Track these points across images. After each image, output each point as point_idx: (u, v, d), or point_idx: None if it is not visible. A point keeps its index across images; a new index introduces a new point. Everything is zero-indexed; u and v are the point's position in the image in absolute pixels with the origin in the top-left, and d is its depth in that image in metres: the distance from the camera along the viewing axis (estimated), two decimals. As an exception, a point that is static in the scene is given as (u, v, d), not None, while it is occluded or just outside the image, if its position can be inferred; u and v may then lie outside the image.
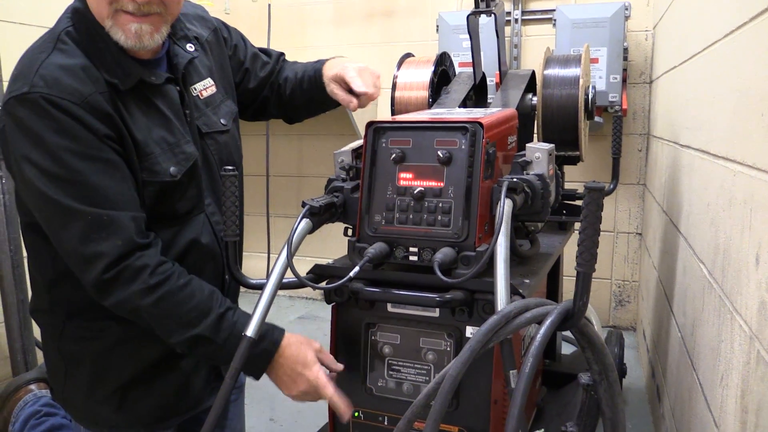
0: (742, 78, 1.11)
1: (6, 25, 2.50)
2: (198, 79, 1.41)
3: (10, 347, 2.39)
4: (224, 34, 1.56)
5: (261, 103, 1.67)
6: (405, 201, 1.21)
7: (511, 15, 3.25)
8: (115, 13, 1.20)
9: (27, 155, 1.17)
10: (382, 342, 1.28)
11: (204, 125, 1.39)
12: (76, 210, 1.17)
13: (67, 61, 1.19)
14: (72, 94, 1.16)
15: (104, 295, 1.21)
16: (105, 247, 1.17)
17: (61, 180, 1.16)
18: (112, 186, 1.19)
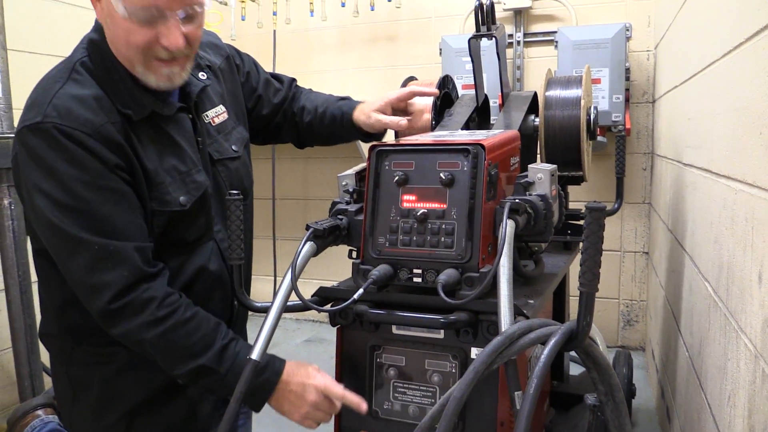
0: (741, 97, 1.12)
1: (19, 54, 2.55)
2: (210, 107, 1.42)
3: (17, 372, 2.39)
4: (237, 61, 1.57)
5: (274, 128, 1.68)
6: (408, 223, 1.22)
7: (514, 37, 3.28)
8: (147, 60, 1.22)
9: (38, 184, 1.18)
10: (387, 364, 1.28)
11: (216, 152, 1.41)
12: (84, 240, 1.18)
13: (81, 92, 1.21)
14: (84, 124, 1.18)
15: (111, 325, 1.22)
16: (111, 276, 1.18)
17: (70, 209, 1.17)
18: (120, 216, 1.21)
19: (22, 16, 2.65)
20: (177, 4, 1.17)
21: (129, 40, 1.19)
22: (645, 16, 3.12)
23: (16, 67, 2.39)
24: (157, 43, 1.19)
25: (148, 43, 1.19)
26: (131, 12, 1.15)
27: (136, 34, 1.18)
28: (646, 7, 3.12)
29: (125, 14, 1.15)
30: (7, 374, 2.62)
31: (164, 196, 1.28)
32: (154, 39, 1.19)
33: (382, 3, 3.39)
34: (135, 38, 1.18)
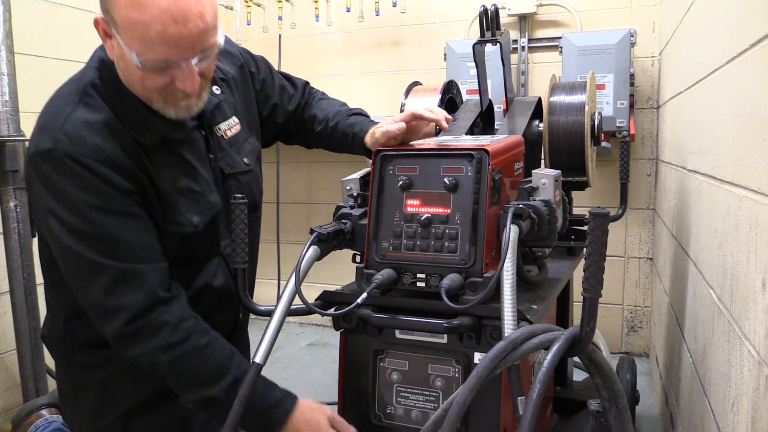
0: (745, 104, 1.12)
1: (26, 57, 2.56)
2: (222, 119, 1.41)
3: (21, 374, 2.40)
4: (252, 68, 1.56)
5: (286, 134, 1.68)
6: (412, 228, 1.22)
7: (518, 43, 3.28)
8: (165, 97, 1.22)
9: (53, 210, 1.19)
10: (390, 369, 1.28)
11: (227, 166, 1.40)
12: (102, 264, 1.19)
13: (92, 117, 1.21)
14: (95, 151, 1.18)
15: (124, 347, 1.23)
16: (128, 300, 1.19)
17: (87, 235, 1.18)
18: (136, 239, 1.21)
19: (29, 20, 2.67)
20: (190, 54, 1.16)
21: (144, 84, 1.18)
22: (650, 22, 3.12)
23: (22, 70, 2.41)
24: (172, 85, 1.19)
25: (164, 86, 1.19)
26: (144, 63, 1.14)
27: (151, 80, 1.17)
28: (650, 13, 3.12)
29: (138, 65, 1.14)
30: (11, 376, 2.63)
31: (178, 217, 1.29)
32: (169, 82, 1.18)
33: (387, 8, 3.40)
34: (150, 83, 1.18)
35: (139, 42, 1.11)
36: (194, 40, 1.14)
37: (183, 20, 1.10)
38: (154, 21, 1.09)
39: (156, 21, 1.09)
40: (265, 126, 1.61)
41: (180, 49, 1.13)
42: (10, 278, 2.35)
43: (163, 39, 1.10)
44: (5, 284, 2.43)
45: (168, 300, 1.23)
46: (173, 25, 1.10)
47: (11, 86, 2.28)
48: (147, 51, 1.12)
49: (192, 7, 1.11)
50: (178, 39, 1.11)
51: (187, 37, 1.12)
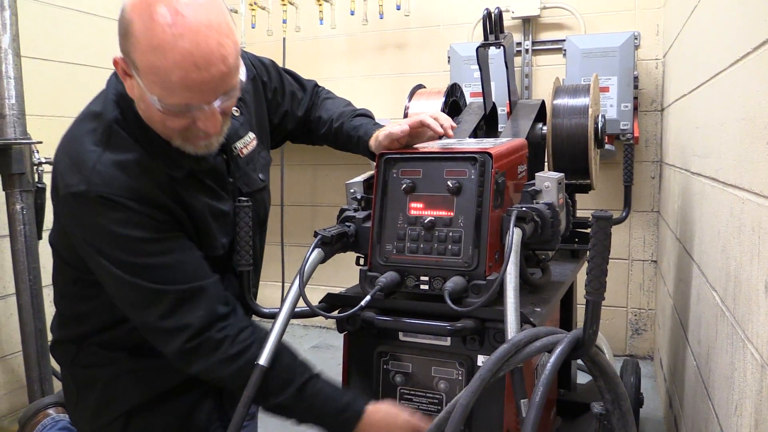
0: (748, 107, 1.12)
1: (32, 61, 2.58)
2: (238, 137, 1.40)
3: (27, 376, 2.41)
4: (263, 78, 1.53)
5: (293, 137, 1.68)
6: (416, 230, 1.23)
7: (522, 45, 3.29)
8: (185, 136, 1.20)
9: (97, 248, 1.18)
10: (394, 371, 1.29)
11: (245, 185, 1.39)
12: (159, 290, 1.19)
13: (123, 157, 1.19)
14: (128, 191, 1.16)
15: (186, 364, 1.23)
16: (189, 318, 1.19)
17: (139, 268, 1.18)
18: (187, 260, 1.22)
19: (35, 24, 2.69)
20: (212, 97, 1.12)
21: (165, 124, 1.17)
22: (654, 24, 3.12)
23: (29, 73, 2.42)
24: (194, 125, 1.16)
25: (186, 127, 1.17)
26: (165, 107, 1.11)
27: (172, 121, 1.15)
28: (654, 15, 3.12)
29: (159, 108, 1.11)
30: (17, 377, 2.64)
31: (212, 242, 1.30)
32: (191, 123, 1.16)
33: (391, 11, 3.41)
34: (172, 124, 1.16)
35: (160, 87, 1.08)
36: (216, 85, 1.10)
37: (205, 65, 1.07)
38: (175, 67, 1.05)
39: (177, 67, 1.05)
40: (275, 132, 1.60)
41: (202, 93, 1.10)
42: (16, 280, 2.37)
43: (184, 85, 1.07)
44: (11, 286, 2.44)
45: (227, 315, 1.23)
46: (195, 71, 1.06)
47: (18, 89, 2.30)
48: (168, 96, 1.09)
49: (215, 51, 1.07)
50: (200, 84, 1.08)
51: (209, 81, 1.09)
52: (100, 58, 2.94)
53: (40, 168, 2.40)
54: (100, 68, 2.93)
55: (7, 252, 2.41)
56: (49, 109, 2.73)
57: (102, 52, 2.94)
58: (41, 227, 2.41)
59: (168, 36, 1.04)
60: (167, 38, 1.04)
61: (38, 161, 2.38)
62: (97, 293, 1.28)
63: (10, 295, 2.55)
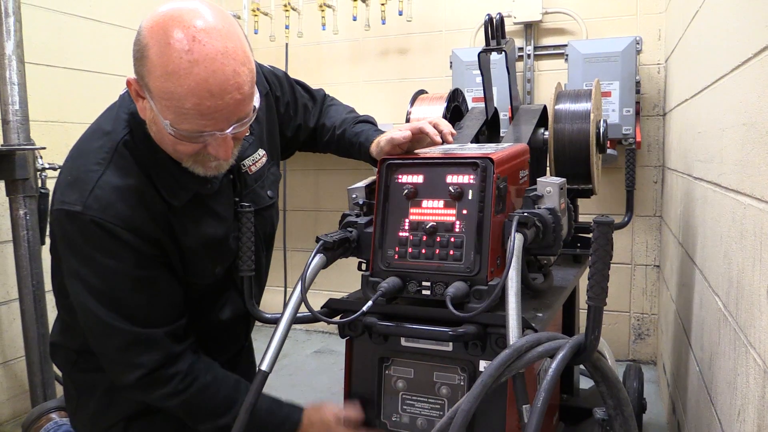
0: (749, 112, 1.13)
1: (35, 67, 2.59)
2: (247, 154, 1.39)
3: (30, 381, 2.42)
4: (277, 92, 1.52)
5: (302, 147, 1.69)
6: (417, 236, 1.23)
7: (524, 50, 3.29)
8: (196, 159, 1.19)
9: (75, 269, 1.21)
10: (396, 376, 1.29)
11: (252, 203, 1.38)
12: (117, 327, 1.21)
13: (123, 182, 1.18)
14: (122, 219, 1.17)
15: (135, 395, 1.28)
16: (142, 359, 1.22)
17: (106, 297, 1.20)
18: (155, 303, 1.23)
19: (39, 30, 2.70)
20: (225, 125, 1.11)
21: (177, 149, 1.16)
22: (655, 29, 3.13)
23: (32, 79, 2.44)
24: (205, 150, 1.16)
25: (197, 151, 1.16)
26: (177, 132, 1.10)
27: (184, 146, 1.15)
28: (656, 20, 3.13)
29: (171, 133, 1.11)
30: (20, 383, 2.65)
31: (203, 272, 1.31)
32: (202, 148, 1.16)
33: (393, 16, 3.42)
34: (183, 149, 1.16)
35: (173, 113, 1.07)
36: (230, 113, 1.10)
37: (220, 93, 1.06)
38: (189, 94, 1.04)
39: (192, 94, 1.04)
40: (288, 145, 1.61)
41: (215, 121, 1.09)
42: (19, 285, 2.38)
43: (198, 112, 1.06)
44: (14, 291, 2.45)
45: (180, 354, 1.27)
46: (209, 98, 1.05)
47: (21, 96, 2.31)
48: (180, 122, 1.08)
49: (230, 79, 1.06)
50: (213, 112, 1.07)
51: (223, 110, 1.08)
52: (103, 64, 2.95)
53: (43, 173, 2.41)
54: (104, 74, 2.95)
55: (11, 257, 2.42)
56: (52, 114, 2.74)
57: (105, 58, 2.96)
58: (44, 233, 2.42)
59: (184, 63, 1.03)
60: (183, 65, 1.03)
61: (41, 167, 2.40)
62: None
63: (13, 300, 2.56)
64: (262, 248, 1.45)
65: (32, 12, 2.64)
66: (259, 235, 1.41)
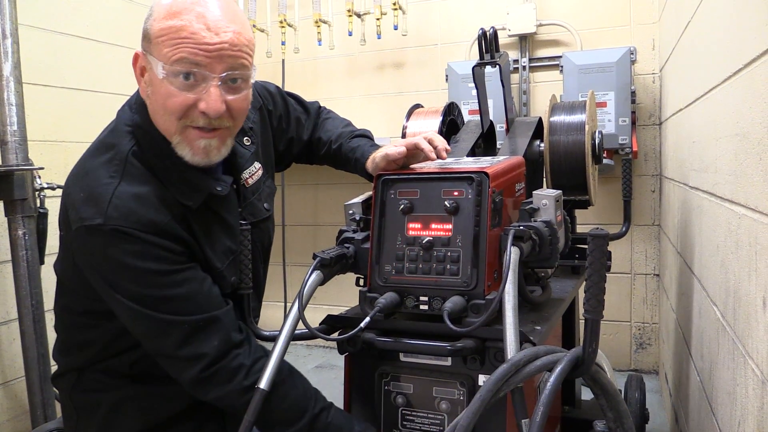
0: (741, 122, 1.13)
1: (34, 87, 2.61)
2: (244, 167, 1.40)
3: (30, 401, 2.41)
4: (269, 106, 1.54)
5: (294, 159, 1.68)
6: (414, 251, 1.23)
7: (519, 62, 3.31)
8: (184, 129, 1.19)
9: (111, 282, 1.18)
10: (395, 392, 1.28)
11: (250, 215, 1.40)
12: (174, 321, 1.19)
13: (139, 189, 1.18)
14: (147, 225, 1.16)
15: (201, 392, 1.23)
16: (204, 348, 1.19)
17: (152, 299, 1.18)
18: (201, 291, 1.22)
19: (37, 50, 2.72)
20: (217, 65, 1.13)
21: (166, 104, 1.16)
22: (649, 39, 3.15)
23: (30, 99, 2.45)
24: (194, 109, 1.16)
25: (186, 107, 1.16)
26: (169, 72, 1.12)
27: (174, 97, 1.15)
28: (650, 30, 3.15)
29: (163, 74, 1.13)
30: (20, 403, 2.63)
31: (221, 281, 1.29)
32: (192, 104, 1.16)
33: (388, 31, 3.44)
34: (172, 102, 1.15)
35: (168, 47, 1.11)
36: (224, 51, 1.13)
37: (216, 29, 1.12)
38: (188, 24, 1.11)
39: (189, 24, 1.11)
40: (281, 158, 1.61)
41: (208, 55, 1.12)
42: (18, 305, 2.37)
43: (192, 41, 1.11)
44: (14, 311, 2.44)
45: (241, 342, 1.24)
46: (206, 30, 1.12)
47: (19, 116, 2.32)
48: (174, 53, 1.11)
49: (228, 22, 1.14)
50: (207, 44, 1.12)
51: (217, 44, 1.12)
52: (101, 83, 2.97)
53: (42, 193, 2.41)
54: (102, 93, 2.96)
55: (10, 277, 2.42)
56: (50, 134, 2.75)
57: (103, 78, 2.98)
58: (43, 252, 2.42)
59: (188, 4, 1.12)
60: (185, 5, 1.12)
61: (40, 186, 2.40)
62: (103, 322, 1.28)
63: (12, 320, 2.55)
64: (260, 260, 1.45)
65: (30, 33, 2.65)
66: (257, 247, 1.41)
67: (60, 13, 2.84)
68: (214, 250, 1.27)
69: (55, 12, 2.82)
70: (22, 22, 2.42)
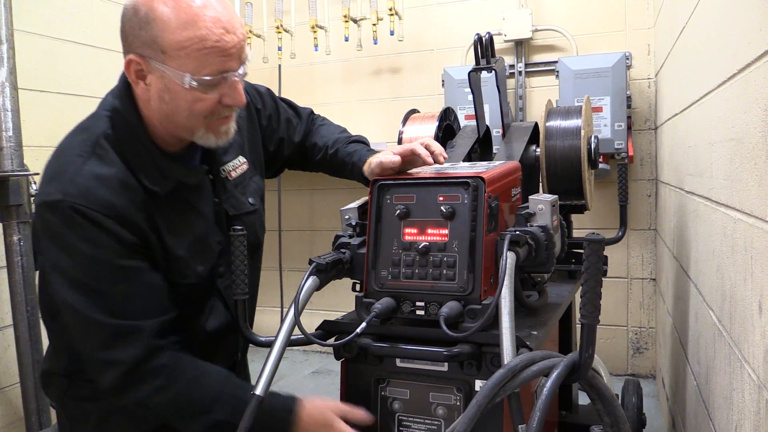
0: (736, 127, 1.14)
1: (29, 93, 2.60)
2: (227, 160, 1.41)
3: (25, 408, 2.40)
4: (258, 105, 1.55)
5: (287, 163, 1.68)
6: (410, 256, 1.23)
7: (515, 68, 3.32)
8: (210, 123, 1.23)
9: (55, 261, 1.19)
10: (391, 397, 1.28)
11: (232, 207, 1.40)
12: (99, 321, 1.18)
13: (104, 171, 1.20)
14: (103, 206, 1.17)
15: (118, 397, 1.23)
16: (123, 354, 1.19)
17: (86, 289, 1.18)
18: (136, 296, 1.21)
19: (33, 56, 2.71)
20: (238, 63, 1.19)
21: (194, 108, 1.19)
22: (645, 44, 3.16)
23: (26, 105, 2.44)
24: (219, 105, 1.21)
25: (214, 106, 1.21)
26: (200, 82, 1.16)
27: (201, 101, 1.19)
28: (645, 36, 3.16)
29: (194, 85, 1.15)
30: (15, 410, 2.62)
31: (185, 270, 1.29)
32: (218, 102, 1.20)
33: (384, 36, 3.45)
34: (201, 105, 1.19)
35: (194, 59, 1.13)
36: (241, 48, 1.19)
37: (232, 29, 1.16)
38: (209, 33, 1.13)
39: (211, 32, 1.13)
40: (272, 160, 1.61)
41: (233, 58, 1.17)
42: (13, 312, 2.36)
43: (219, 49, 1.14)
44: (9, 317, 2.43)
45: (163, 347, 1.23)
46: (226, 34, 1.14)
47: (15, 122, 2.32)
48: (203, 66, 1.14)
49: (233, 16, 1.18)
50: (231, 48, 1.15)
51: (237, 44, 1.17)
52: (97, 88, 2.96)
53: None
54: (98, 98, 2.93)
55: (5, 283, 2.41)
56: (46, 140, 2.74)
57: (99, 83, 2.97)
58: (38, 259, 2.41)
59: (195, 8, 1.13)
60: (196, 11, 1.13)
61: (35, 192, 2.39)
62: None
63: (7, 326, 2.54)
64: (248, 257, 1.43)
65: (25, 38, 2.65)
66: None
67: (56, 19, 2.84)
68: (179, 237, 1.27)
69: (51, 17, 2.82)
70: (18, 27, 2.42)
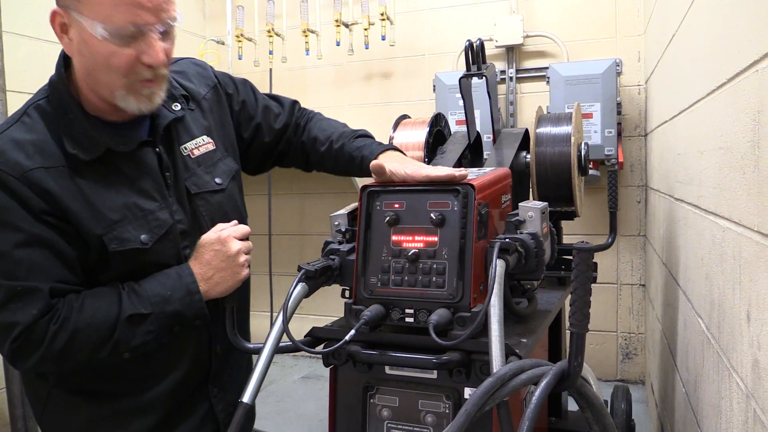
0: (725, 136, 1.14)
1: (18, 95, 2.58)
2: (189, 138, 1.39)
3: (11, 414, 2.37)
4: (229, 90, 1.53)
5: (278, 155, 1.64)
6: (400, 263, 1.22)
7: (506, 73, 3.33)
8: (130, 83, 1.21)
9: None
10: (380, 405, 1.27)
11: (193, 185, 1.37)
12: None
13: (23, 136, 1.21)
14: (12, 167, 1.17)
15: (18, 362, 1.20)
16: (18, 316, 1.16)
17: None
18: (36, 261, 1.18)
19: (21, 58, 2.70)
20: (156, 18, 1.17)
21: (110, 63, 1.17)
22: (635, 51, 3.18)
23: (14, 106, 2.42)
24: (138, 63, 1.19)
25: (131, 63, 1.18)
26: (111, 32, 1.14)
27: (117, 56, 1.16)
28: (636, 43, 3.18)
29: (105, 35, 1.14)
30: (1, 416, 2.59)
31: (123, 234, 1.25)
32: (135, 58, 1.18)
33: (376, 41, 3.45)
34: (117, 60, 1.17)
35: (106, 6, 1.12)
36: (160, 4, 1.16)
37: None
38: None
39: None
40: (252, 147, 1.58)
41: (147, 10, 1.15)
42: (-1, 316, 2.33)
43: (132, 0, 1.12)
44: (-6, 322, 2.41)
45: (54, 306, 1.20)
46: None
47: (2, 124, 2.30)
48: (114, 14, 1.12)
49: None
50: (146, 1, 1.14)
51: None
52: (86, 91, 2.94)
53: (24, 202, 2.38)
54: (87, 101, 2.93)
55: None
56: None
57: (88, 85, 2.95)
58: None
59: None
60: None
61: None
62: None
63: (-7, 331, 2.51)
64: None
65: (14, 40, 2.63)
66: (206, 221, 1.38)
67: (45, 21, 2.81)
68: (110, 202, 1.24)
69: (40, 20, 2.79)
70: (7, 29, 2.40)
